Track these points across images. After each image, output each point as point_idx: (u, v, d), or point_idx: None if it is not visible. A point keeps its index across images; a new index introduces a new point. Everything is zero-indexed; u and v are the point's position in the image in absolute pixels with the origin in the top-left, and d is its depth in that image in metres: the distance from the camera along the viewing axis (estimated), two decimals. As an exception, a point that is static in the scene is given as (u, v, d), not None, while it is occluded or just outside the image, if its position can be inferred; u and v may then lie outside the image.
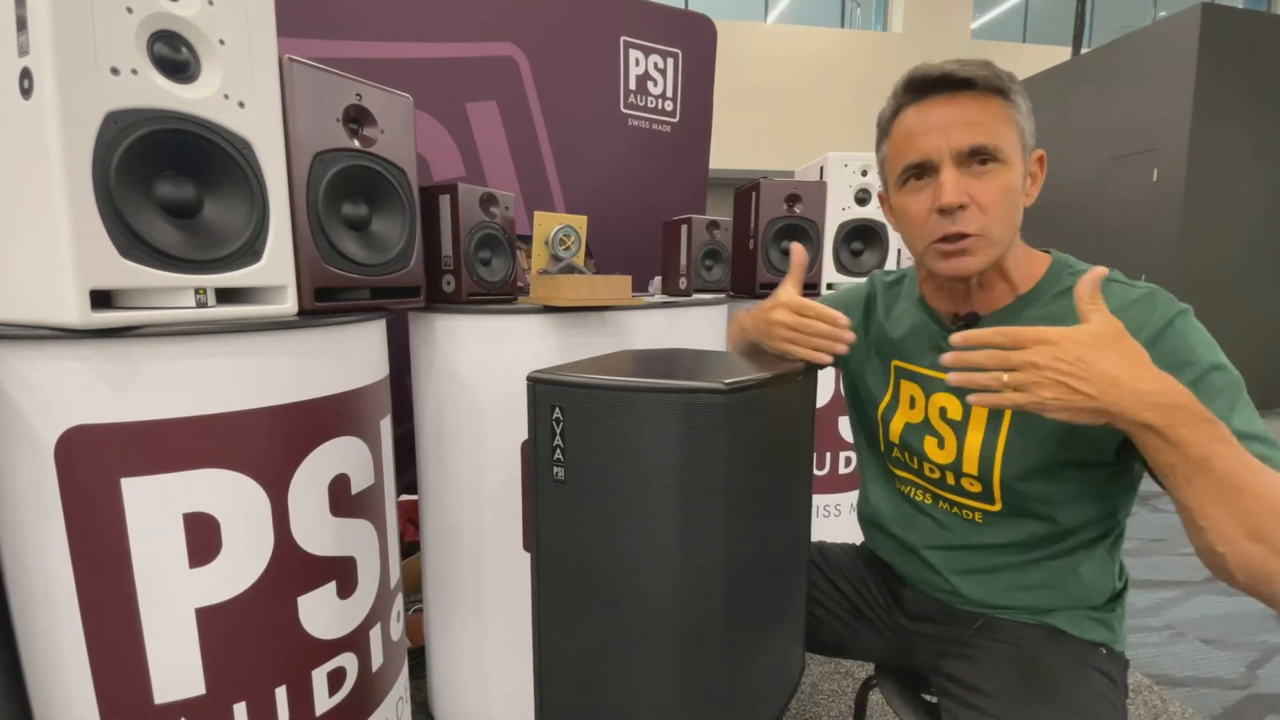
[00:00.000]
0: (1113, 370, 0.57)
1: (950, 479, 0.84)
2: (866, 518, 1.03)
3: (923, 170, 0.75)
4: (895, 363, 0.92)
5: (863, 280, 1.03)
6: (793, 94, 8.66)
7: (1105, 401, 0.57)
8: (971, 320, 0.81)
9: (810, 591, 0.98)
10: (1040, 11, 10.11)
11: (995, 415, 0.79)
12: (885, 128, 0.80)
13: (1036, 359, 0.59)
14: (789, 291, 0.86)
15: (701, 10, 2.31)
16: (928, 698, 0.93)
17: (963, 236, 0.73)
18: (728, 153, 7.69)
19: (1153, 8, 10.36)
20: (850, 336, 0.81)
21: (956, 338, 0.63)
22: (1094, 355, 0.58)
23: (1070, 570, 0.80)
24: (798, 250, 0.87)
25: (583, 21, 1.96)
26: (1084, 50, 6.24)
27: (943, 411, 0.84)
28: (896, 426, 0.90)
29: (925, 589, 0.91)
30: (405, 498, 1.54)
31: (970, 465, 0.81)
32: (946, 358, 0.64)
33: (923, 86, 0.74)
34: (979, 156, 0.72)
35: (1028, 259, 0.80)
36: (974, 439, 0.80)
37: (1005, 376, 0.61)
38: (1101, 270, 0.63)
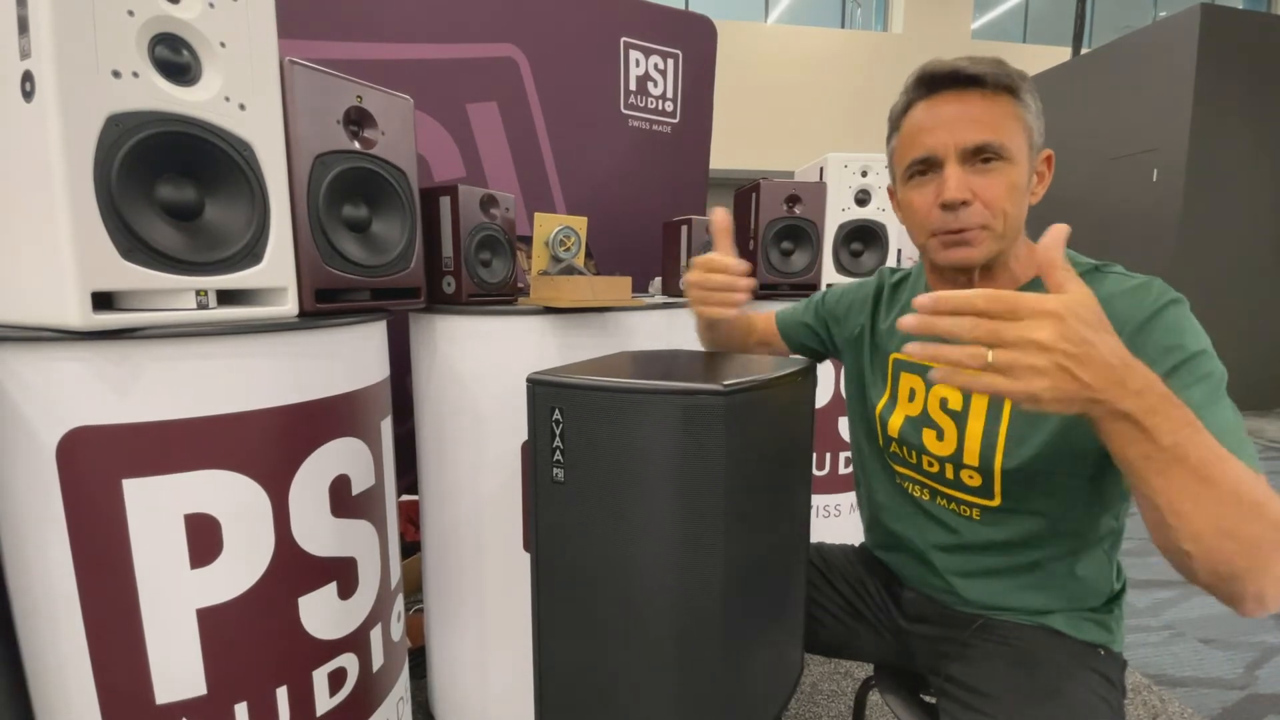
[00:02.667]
0: (1109, 355, 0.50)
1: (949, 472, 0.84)
2: (867, 516, 1.03)
3: (928, 165, 0.76)
4: (895, 356, 0.92)
5: (871, 277, 1.03)
6: (793, 94, 8.66)
7: (1099, 390, 0.49)
8: None
9: (809, 592, 0.98)
10: (1040, 12, 10.11)
11: (996, 404, 0.78)
12: (896, 122, 0.81)
13: (1041, 337, 0.48)
14: (712, 253, 0.85)
15: (702, 11, 2.31)
16: (926, 698, 0.93)
17: (964, 231, 0.74)
18: (728, 153, 7.69)
19: (1153, 8, 10.36)
20: (748, 283, 0.81)
21: (922, 299, 0.51)
22: (1097, 336, 0.49)
23: (1068, 572, 0.81)
24: (717, 214, 0.86)
25: (583, 22, 1.97)
26: (1084, 50, 6.25)
27: (943, 403, 0.84)
28: (895, 422, 0.90)
29: (924, 590, 0.91)
30: (405, 498, 1.54)
31: (970, 457, 0.81)
32: (906, 321, 0.52)
33: (932, 82, 0.75)
34: (984, 154, 0.72)
35: (1029, 252, 0.80)
36: (974, 429, 0.80)
37: (990, 355, 0.49)
38: (1063, 228, 0.53)
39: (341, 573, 0.93)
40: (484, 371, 1.24)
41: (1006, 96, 0.73)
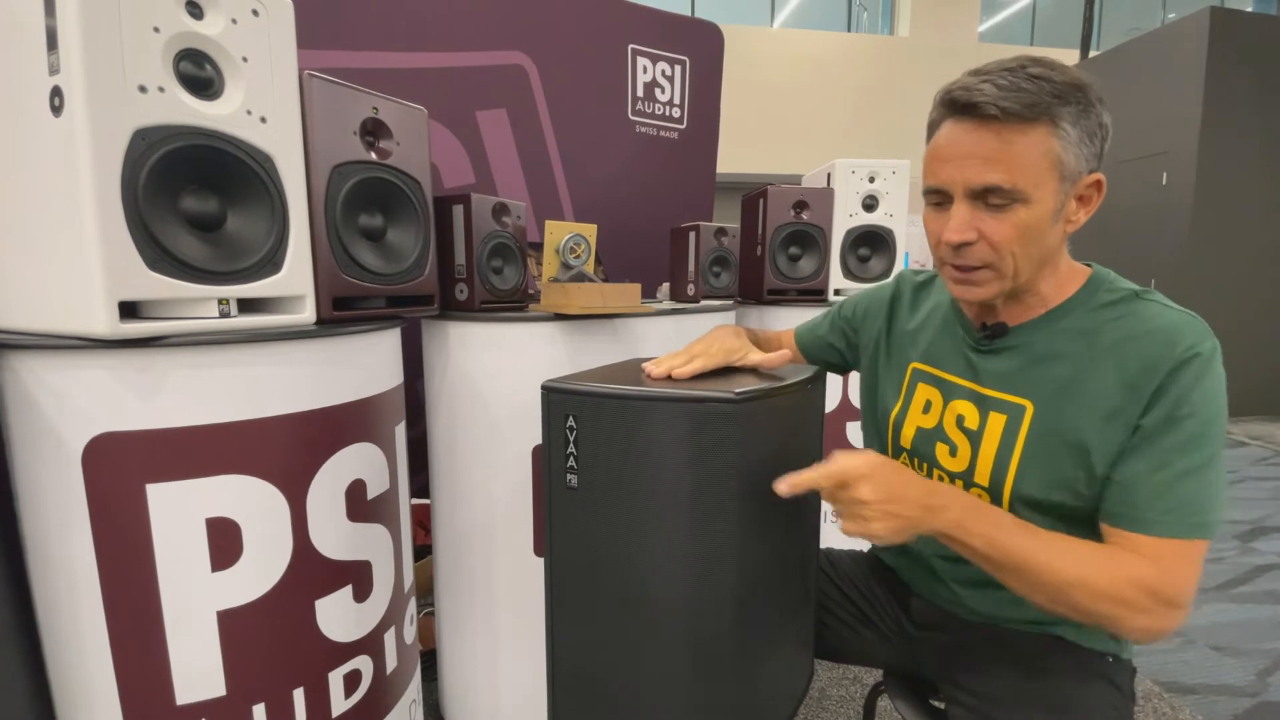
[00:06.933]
0: (915, 493, 0.66)
1: (959, 489, 0.84)
2: None
3: (941, 196, 0.73)
4: (914, 365, 0.91)
5: (888, 281, 1.02)
6: (799, 98, 8.66)
7: (916, 520, 0.66)
8: (999, 330, 0.79)
9: (818, 598, 0.99)
10: (1048, 14, 10.08)
11: (1011, 428, 0.77)
12: (929, 133, 0.76)
13: (864, 495, 0.65)
14: None
15: (707, 15, 2.33)
16: (936, 704, 0.93)
17: (971, 269, 0.73)
18: (734, 157, 7.68)
19: (1161, 10, 10.31)
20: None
21: (779, 485, 0.68)
22: (899, 478, 0.67)
23: None
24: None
25: (591, 30, 1.98)
26: (1092, 53, 6.22)
27: (960, 419, 0.83)
28: (908, 433, 0.89)
29: (931, 598, 0.92)
30: (416, 501, 1.55)
31: (981, 477, 0.80)
32: (780, 488, 0.68)
33: (952, 106, 0.70)
34: (992, 196, 0.68)
35: (1068, 272, 0.77)
36: (988, 449, 0.79)
37: (831, 514, 0.70)
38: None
39: (357, 576, 0.95)
40: (496, 377, 1.25)
41: (1041, 126, 0.66)
